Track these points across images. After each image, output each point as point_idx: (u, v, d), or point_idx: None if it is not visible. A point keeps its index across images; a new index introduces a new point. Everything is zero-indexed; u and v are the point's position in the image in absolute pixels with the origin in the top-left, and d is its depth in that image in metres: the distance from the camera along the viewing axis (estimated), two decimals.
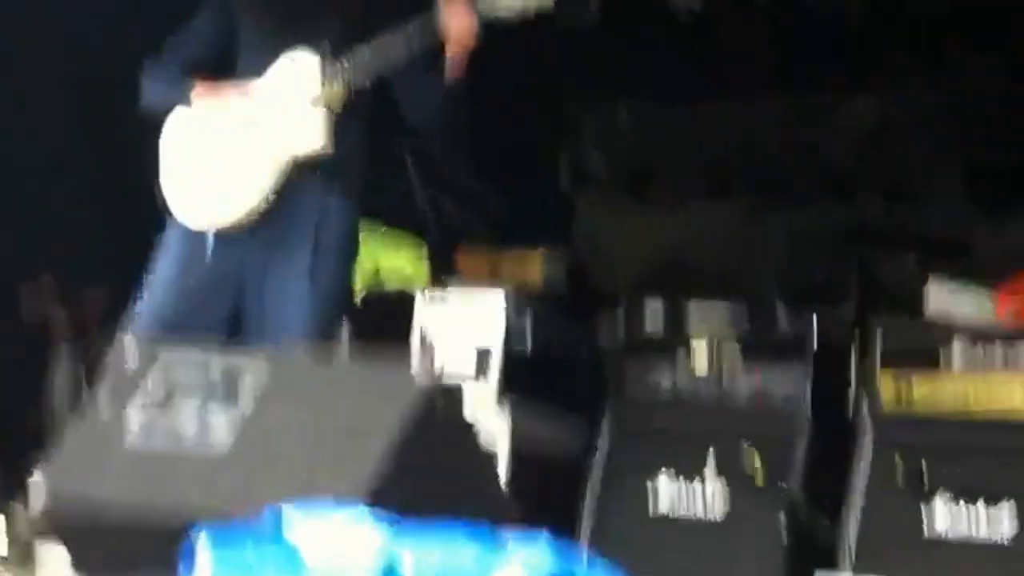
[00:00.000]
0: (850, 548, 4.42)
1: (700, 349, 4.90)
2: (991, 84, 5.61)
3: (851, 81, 5.85)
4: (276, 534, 2.74)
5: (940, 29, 5.60)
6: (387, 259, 5.70)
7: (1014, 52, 5.55)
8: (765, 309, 5.08)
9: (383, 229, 5.67)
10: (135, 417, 3.37)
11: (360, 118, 4.38)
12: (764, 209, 6.02)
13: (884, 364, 4.57)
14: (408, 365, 3.85)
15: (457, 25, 4.22)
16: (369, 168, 4.52)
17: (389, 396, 3.27)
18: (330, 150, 4.30)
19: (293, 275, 4.27)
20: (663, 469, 4.77)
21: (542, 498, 4.70)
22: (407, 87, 4.35)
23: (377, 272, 5.62)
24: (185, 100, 4.38)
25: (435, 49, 4.28)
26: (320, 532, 2.77)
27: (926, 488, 4.37)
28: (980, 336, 4.50)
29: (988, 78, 5.62)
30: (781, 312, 5.09)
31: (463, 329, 5.00)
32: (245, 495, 3.14)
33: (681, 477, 4.74)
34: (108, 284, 5.64)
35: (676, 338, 4.98)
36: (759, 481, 4.63)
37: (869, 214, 5.80)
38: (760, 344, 4.85)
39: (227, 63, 4.41)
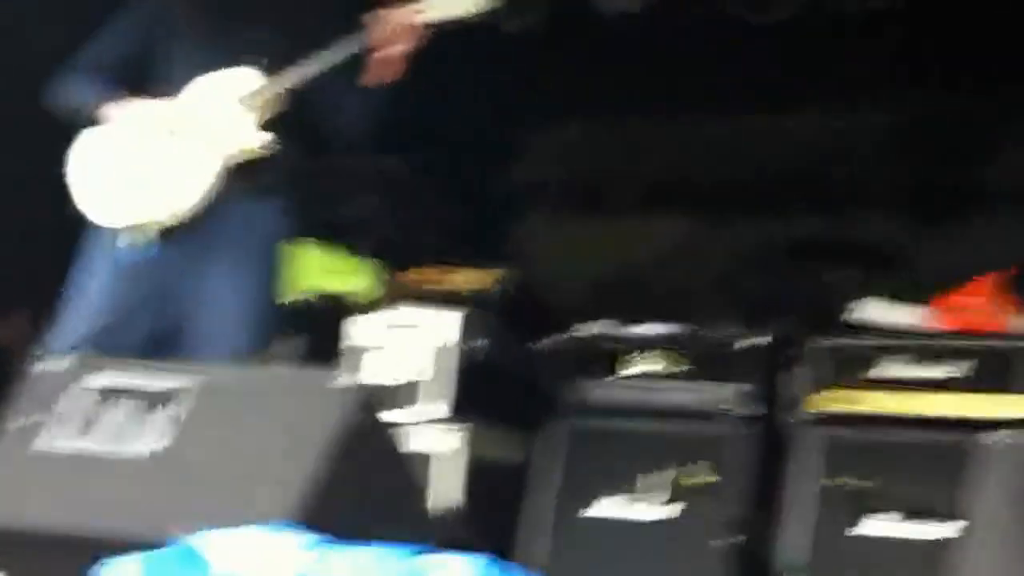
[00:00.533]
0: (786, 555, 4.47)
1: (644, 361, 4.94)
2: (931, 103, 5.68)
3: (796, 98, 5.90)
4: (195, 553, 2.75)
5: (882, 46, 5.66)
6: (331, 280, 5.69)
7: (953, 71, 5.61)
8: (708, 321, 5.12)
9: (326, 248, 5.67)
10: (60, 434, 3.38)
11: (294, 129, 4.37)
12: (708, 224, 6.07)
13: (820, 376, 4.63)
14: (342, 380, 3.86)
15: (397, 23, 4.22)
16: (312, 185, 4.54)
17: (319, 411, 3.29)
18: (269, 149, 4.31)
19: (230, 286, 4.28)
20: (607, 480, 4.79)
21: (490, 510, 4.74)
22: (339, 98, 4.35)
23: (321, 291, 5.62)
24: (104, 114, 4.35)
25: (366, 58, 4.30)
26: (241, 551, 2.77)
27: (860, 498, 4.42)
28: (915, 348, 4.55)
29: (928, 97, 5.69)
30: (723, 324, 5.13)
31: (412, 347, 5.01)
32: (173, 511, 3.14)
33: (624, 487, 4.77)
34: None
35: (622, 350, 5.01)
36: (700, 490, 4.66)
37: (810, 229, 5.86)
38: (702, 356, 4.89)
39: (142, 76, 4.40)
